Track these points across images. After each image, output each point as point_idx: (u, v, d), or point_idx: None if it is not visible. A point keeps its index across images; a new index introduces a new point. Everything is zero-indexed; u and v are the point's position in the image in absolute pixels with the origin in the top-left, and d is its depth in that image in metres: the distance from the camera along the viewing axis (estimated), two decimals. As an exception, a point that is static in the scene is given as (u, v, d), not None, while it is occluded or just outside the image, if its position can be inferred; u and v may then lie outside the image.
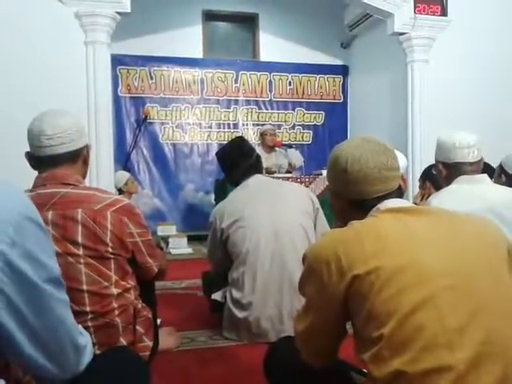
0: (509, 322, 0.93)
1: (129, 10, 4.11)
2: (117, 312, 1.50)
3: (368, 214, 1.08)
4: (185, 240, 5.15)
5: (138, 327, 1.57)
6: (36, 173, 1.54)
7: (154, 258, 1.68)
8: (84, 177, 1.61)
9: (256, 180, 2.35)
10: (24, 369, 0.89)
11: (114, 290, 1.50)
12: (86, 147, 1.59)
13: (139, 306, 1.61)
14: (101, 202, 1.49)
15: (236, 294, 2.21)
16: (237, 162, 2.38)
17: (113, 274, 1.50)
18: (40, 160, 1.50)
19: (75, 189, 1.49)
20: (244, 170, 2.37)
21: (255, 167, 2.40)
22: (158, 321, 2.05)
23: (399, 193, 1.12)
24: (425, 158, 4.36)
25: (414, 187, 4.39)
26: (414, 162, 4.75)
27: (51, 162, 1.49)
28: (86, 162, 1.60)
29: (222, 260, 2.33)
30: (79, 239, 1.43)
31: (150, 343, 1.62)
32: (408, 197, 4.16)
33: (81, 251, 1.44)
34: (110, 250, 1.49)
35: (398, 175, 1.11)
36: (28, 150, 1.52)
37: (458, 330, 0.88)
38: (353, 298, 0.97)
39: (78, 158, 1.55)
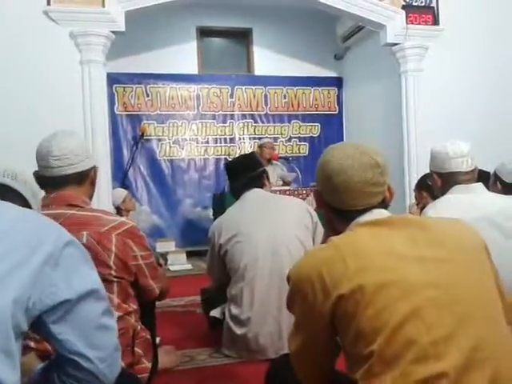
0: (495, 328, 0.95)
1: (123, 29, 4.15)
2: (117, 334, 1.48)
3: (348, 224, 1.08)
4: (184, 256, 5.13)
5: (136, 349, 1.56)
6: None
7: (155, 280, 1.68)
8: (91, 198, 1.61)
9: (254, 195, 2.34)
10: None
11: (116, 313, 1.48)
12: (94, 168, 1.59)
13: (138, 327, 1.60)
14: (106, 225, 1.49)
15: (235, 310, 2.19)
16: (236, 174, 2.39)
17: (115, 296, 1.50)
18: (47, 180, 1.52)
19: (81, 210, 1.49)
20: (243, 182, 2.36)
21: (256, 181, 2.38)
22: (157, 339, 2.02)
23: (383, 206, 1.11)
24: (421, 167, 4.36)
25: (410, 196, 4.39)
26: (410, 171, 4.75)
27: (58, 182, 1.51)
28: (93, 183, 1.61)
29: (221, 275, 2.32)
30: None
31: (148, 364, 1.61)
32: (404, 207, 4.15)
33: None
34: (114, 273, 1.48)
35: (383, 190, 1.10)
36: (36, 169, 1.54)
37: (446, 338, 0.90)
38: (339, 318, 0.97)
39: (85, 179, 1.56)
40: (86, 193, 1.57)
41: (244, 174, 2.37)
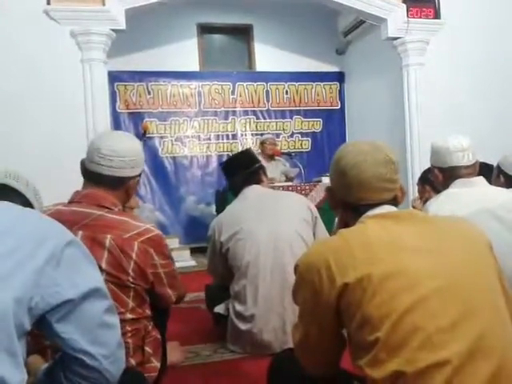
0: (499, 319, 0.97)
1: (124, 27, 4.15)
2: (129, 334, 1.50)
3: (358, 219, 1.10)
4: (188, 252, 5.15)
5: (146, 348, 1.57)
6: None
7: (173, 288, 1.67)
8: (123, 204, 1.61)
9: (253, 191, 2.35)
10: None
11: (129, 316, 1.50)
12: (134, 178, 1.59)
13: (149, 327, 1.60)
14: (130, 231, 1.49)
15: (238, 306, 2.20)
16: (233, 171, 2.39)
17: (130, 301, 1.50)
18: (87, 173, 1.55)
19: (109, 213, 1.49)
20: (240, 180, 2.37)
21: (253, 177, 2.39)
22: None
23: (394, 204, 1.13)
24: (424, 160, 4.35)
25: (413, 189, 4.39)
26: (413, 164, 4.75)
27: (94, 179, 1.53)
28: (128, 192, 1.60)
29: (223, 273, 2.33)
30: (103, 265, 1.42)
31: (157, 364, 1.60)
32: (407, 201, 4.15)
33: (102, 276, 1.43)
34: (131, 279, 1.48)
35: (395, 188, 1.12)
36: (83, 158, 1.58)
37: (451, 327, 0.92)
38: (345, 306, 0.99)
39: (121, 185, 1.55)
40: (118, 197, 1.56)
41: (240, 171, 2.37)
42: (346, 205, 1.15)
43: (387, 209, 1.10)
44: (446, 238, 1.05)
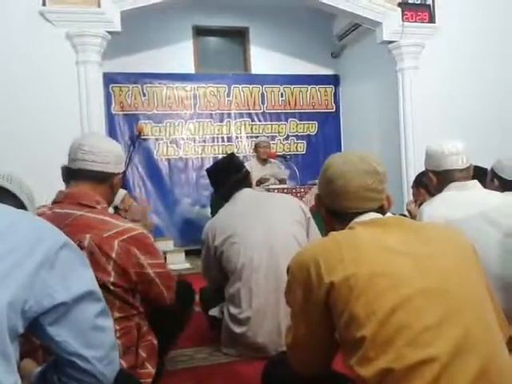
0: (483, 318, 1.00)
1: (119, 29, 4.15)
2: (118, 334, 1.46)
3: (345, 225, 1.14)
4: (182, 255, 5.13)
5: (140, 351, 1.53)
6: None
7: (169, 290, 1.63)
8: (108, 202, 1.60)
9: (245, 194, 2.35)
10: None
11: (117, 314, 1.47)
12: (117, 175, 1.59)
13: (144, 328, 1.57)
14: (111, 230, 1.46)
15: (233, 309, 2.20)
16: (223, 178, 2.39)
17: (116, 300, 1.48)
18: (70, 172, 1.55)
19: (90, 212, 1.48)
20: (231, 186, 2.37)
21: (243, 182, 2.39)
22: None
23: (380, 212, 1.16)
24: (418, 163, 4.37)
25: (408, 192, 4.40)
26: (407, 167, 4.77)
27: (78, 175, 1.53)
28: (112, 188, 1.60)
29: (217, 277, 2.32)
30: None
31: (152, 370, 1.56)
32: (402, 204, 4.16)
33: None
34: (112, 279, 1.46)
35: (381, 198, 1.16)
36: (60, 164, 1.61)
37: (436, 326, 0.94)
38: (333, 304, 1.02)
39: (105, 181, 1.56)
40: (102, 194, 1.55)
41: (231, 177, 2.37)
42: (332, 211, 1.19)
43: (373, 216, 1.13)
44: (432, 243, 1.08)
